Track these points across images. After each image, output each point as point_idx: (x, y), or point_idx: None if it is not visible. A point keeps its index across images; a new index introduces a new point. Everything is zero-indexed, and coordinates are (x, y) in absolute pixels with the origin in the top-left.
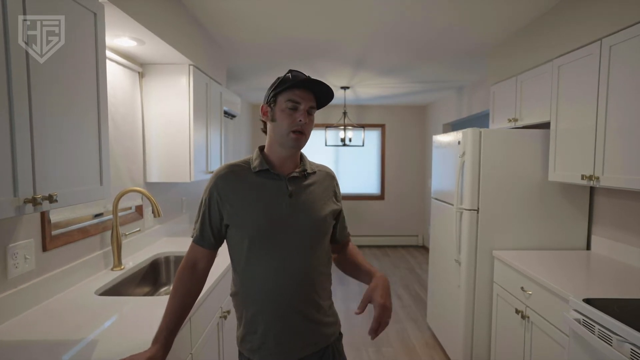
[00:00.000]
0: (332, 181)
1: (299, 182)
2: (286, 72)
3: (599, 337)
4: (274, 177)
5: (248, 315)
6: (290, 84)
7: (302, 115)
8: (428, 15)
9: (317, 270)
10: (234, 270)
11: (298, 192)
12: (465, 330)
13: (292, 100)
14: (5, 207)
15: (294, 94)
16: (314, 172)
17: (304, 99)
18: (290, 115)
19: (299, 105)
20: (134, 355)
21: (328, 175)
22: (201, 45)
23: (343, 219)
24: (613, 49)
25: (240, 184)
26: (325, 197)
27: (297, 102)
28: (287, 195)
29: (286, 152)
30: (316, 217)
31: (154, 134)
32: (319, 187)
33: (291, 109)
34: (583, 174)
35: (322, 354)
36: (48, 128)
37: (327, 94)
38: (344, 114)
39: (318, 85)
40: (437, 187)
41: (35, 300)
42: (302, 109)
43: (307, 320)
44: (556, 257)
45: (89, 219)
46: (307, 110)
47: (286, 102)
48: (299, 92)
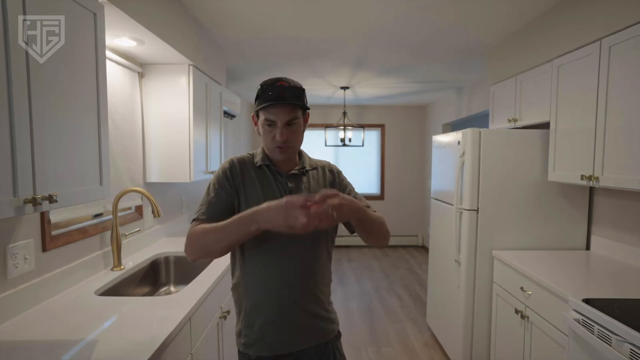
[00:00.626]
0: (330, 172)
1: (298, 179)
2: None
3: (599, 337)
4: (274, 173)
5: (247, 307)
6: (261, 105)
7: (279, 133)
8: (428, 15)
9: (318, 264)
10: (234, 262)
11: (297, 189)
12: (464, 330)
13: (268, 119)
14: (5, 208)
15: (268, 113)
16: (314, 168)
17: (279, 116)
18: (269, 132)
19: (275, 123)
20: None
21: (328, 169)
22: (201, 45)
23: None
24: (613, 49)
25: (247, 176)
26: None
27: (272, 121)
28: (287, 191)
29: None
30: None
31: (153, 134)
32: (318, 182)
33: (269, 127)
34: (583, 174)
35: (322, 351)
36: (48, 128)
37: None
38: (344, 114)
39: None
40: (437, 187)
41: (35, 301)
42: (279, 126)
43: (307, 313)
44: (556, 257)
45: (89, 219)
46: (286, 124)
47: (263, 120)
48: (273, 109)
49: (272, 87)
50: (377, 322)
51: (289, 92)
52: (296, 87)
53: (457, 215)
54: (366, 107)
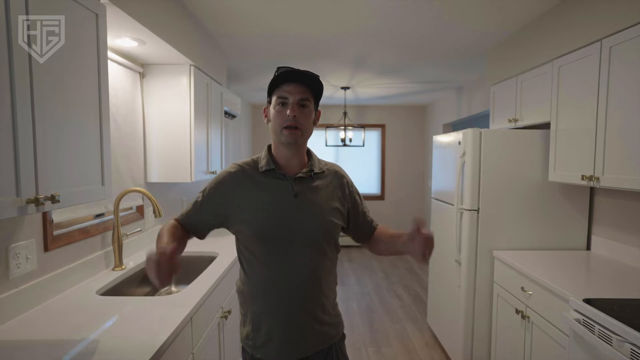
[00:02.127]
0: (340, 180)
1: (305, 183)
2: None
3: (599, 337)
4: (280, 177)
5: (254, 312)
6: (276, 80)
7: (291, 110)
8: (428, 15)
9: (323, 270)
10: (241, 267)
11: (304, 193)
12: (465, 330)
13: (281, 97)
14: (8, 208)
15: (281, 90)
16: (323, 171)
17: (292, 93)
18: (280, 112)
19: (287, 101)
20: (157, 253)
21: (337, 174)
22: (202, 45)
23: (364, 215)
24: (613, 49)
25: (249, 184)
26: (333, 197)
27: (285, 98)
28: (292, 196)
29: (288, 150)
30: (322, 217)
31: (154, 134)
32: (327, 187)
33: (281, 106)
34: (583, 175)
35: (325, 353)
36: (50, 128)
37: (313, 80)
38: (344, 114)
39: (305, 75)
40: (437, 187)
41: (36, 300)
42: (291, 102)
43: (313, 320)
44: (556, 258)
45: (90, 219)
46: (298, 102)
47: (276, 100)
48: (287, 87)
49: (288, 68)
50: (377, 322)
51: (304, 75)
52: (313, 74)
53: (458, 216)
54: (366, 107)
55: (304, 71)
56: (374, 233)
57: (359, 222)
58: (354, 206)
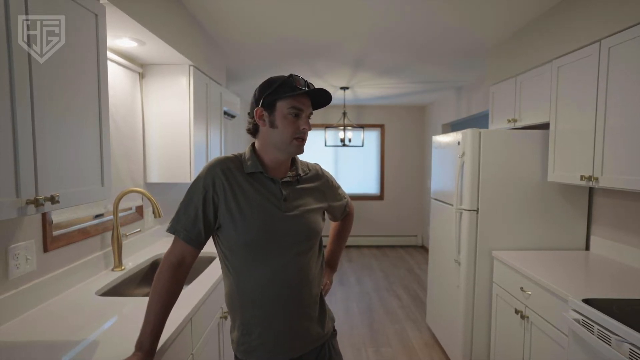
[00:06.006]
0: (322, 179)
1: (291, 186)
2: (287, 76)
3: (598, 337)
4: (267, 180)
5: (244, 317)
6: (295, 92)
7: (306, 123)
8: (427, 15)
9: (313, 270)
10: (227, 271)
11: (292, 196)
12: (464, 330)
13: (296, 108)
14: (7, 208)
15: (297, 101)
16: (306, 173)
17: (306, 106)
18: (293, 122)
19: (301, 113)
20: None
21: (318, 173)
22: (201, 45)
23: (342, 207)
24: (612, 50)
25: (236, 185)
26: (317, 198)
27: (300, 110)
28: (281, 199)
29: (284, 157)
30: (310, 219)
31: (154, 135)
32: (311, 189)
33: (294, 116)
34: (582, 175)
35: (318, 351)
36: (50, 129)
37: (325, 99)
38: (344, 114)
39: (324, 97)
40: (437, 188)
41: (36, 301)
42: (304, 116)
43: (305, 319)
44: (555, 258)
45: (90, 220)
46: (308, 116)
47: (289, 109)
48: (303, 99)
49: (302, 79)
50: (376, 322)
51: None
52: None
53: (457, 216)
54: (366, 108)
55: (324, 90)
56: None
57: (335, 214)
58: (334, 201)
